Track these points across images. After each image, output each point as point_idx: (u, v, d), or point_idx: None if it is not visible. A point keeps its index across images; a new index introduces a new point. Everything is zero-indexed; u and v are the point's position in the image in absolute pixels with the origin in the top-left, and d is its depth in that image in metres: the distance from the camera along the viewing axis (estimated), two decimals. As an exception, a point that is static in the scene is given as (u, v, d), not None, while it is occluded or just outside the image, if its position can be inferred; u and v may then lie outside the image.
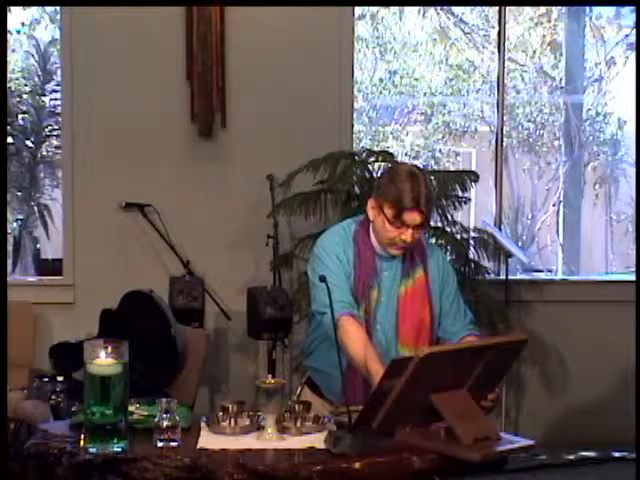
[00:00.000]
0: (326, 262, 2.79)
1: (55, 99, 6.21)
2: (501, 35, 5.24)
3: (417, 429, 2.40)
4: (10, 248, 6.28)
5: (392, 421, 2.35)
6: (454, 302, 2.89)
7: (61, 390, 4.05)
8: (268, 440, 2.47)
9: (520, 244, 6.87)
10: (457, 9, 6.76)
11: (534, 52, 6.99)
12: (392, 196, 2.72)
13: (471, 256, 4.61)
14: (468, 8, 6.70)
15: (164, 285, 4.62)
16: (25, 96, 6.60)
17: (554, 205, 6.82)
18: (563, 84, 6.67)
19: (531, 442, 2.36)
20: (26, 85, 6.66)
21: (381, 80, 7.11)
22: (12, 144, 6.36)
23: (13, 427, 3.73)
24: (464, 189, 4.51)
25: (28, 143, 6.63)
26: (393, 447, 2.35)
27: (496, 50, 5.37)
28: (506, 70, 5.37)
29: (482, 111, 7.00)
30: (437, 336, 2.88)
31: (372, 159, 4.55)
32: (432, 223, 4.48)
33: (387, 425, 2.34)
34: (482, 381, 2.42)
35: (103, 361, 2.37)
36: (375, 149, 4.86)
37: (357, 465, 2.24)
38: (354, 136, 5.14)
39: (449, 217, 4.53)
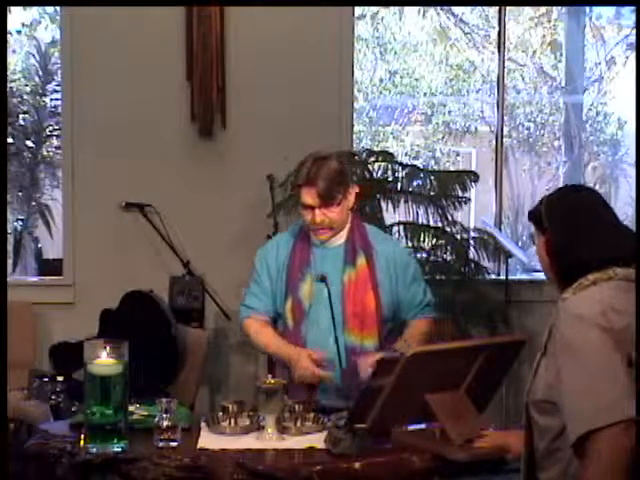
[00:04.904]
0: (257, 267, 3.08)
1: (56, 99, 6.21)
2: (501, 35, 5.24)
3: (412, 428, 2.42)
4: (10, 248, 6.28)
5: (387, 420, 2.35)
6: (410, 290, 2.98)
7: (61, 390, 4.05)
8: (268, 440, 2.47)
9: (520, 244, 6.86)
10: (457, 9, 6.76)
11: (534, 52, 6.99)
12: (295, 179, 2.98)
13: (471, 256, 4.61)
14: (468, 8, 6.71)
15: (164, 285, 4.62)
16: (26, 96, 6.61)
17: (554, 205, 6.81)
18: (563, 84, 6.68)
19: None
20: (27, 85, 6.66)
21: (381, 80, 7.11)
22: (13, 144, 6.36)
23: (13, 427, 3.73)
24: (464, 189, 4.51)
25: (29, 143, 6.63)
26: (393, 447, 2.36)
27: (496, 50, 5.37)
28: (506, 70, 5.37)
29: (482, 111, 7.01)
30: (396, 322, 3.00)
31: (372, 159, 4.55)
32: (432, 223, 4.48)
33: (382, 424, 2.34)
34: (481, 382, 2.42)
35: (103, 361, 2.38)
36: (375, 149, 4.86)
37: (357, 465, 2.25)
38: (354, 136, 5.13)
39: (449, 217, 4.53)
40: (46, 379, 4.15)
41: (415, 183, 4.55)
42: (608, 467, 1.82)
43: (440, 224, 4.52)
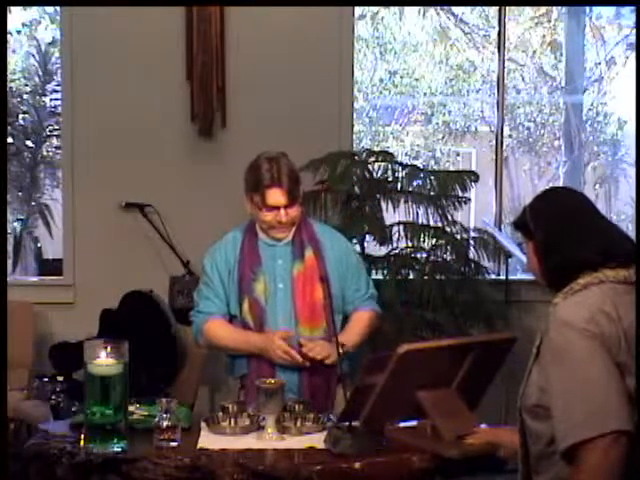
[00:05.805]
0: (207, 270, 3.08)
1: (55, 99, 6.22)
2: (501, 35, 5.24)
3: (404, 425, 2.43)
4: (10, 248, 6.29)
5: (379, 418, 2.36)
6: (353, 280, 3.05)
7: (61, 390, 4.05)
8: (268, 440, 2.47)
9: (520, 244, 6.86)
10: (457, 9, 6.76)
11: (534, 52, 6.99)
12: (253, 182, 3.00)
13: (471, 256, 4.60)
14: (468, 8, 6.71)
15: (164, 285, 4.61)
16: (25, 96, 6.61)
17: (554, 205, 6.81)
18: (563, 84, 6.68)
19: None
20: (26, 85, 6.67)
21: (381, 80, 7.11)
22: (12, 144, 6.37)
23: (13, 427, 3.74)
24: (464, 189, 4.51)
25: (28, 143, 6.64)
26: (393, 447, 2.36)
27: (496, 50, 5.36)
28: (506, 70, 5.36)
29: (482, 111, 7.01)
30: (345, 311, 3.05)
31: (372, 159, 4.54)
32: (432, 223, 4.48)
33: (374, 422, 2.35)
34: (472, 380, 2.43)
35: (103, 361, 2.38)
36: (375, 149, 4.85)
37: (357, 465, 2.25)
38: (354, 136, 5.13)
39: (449, 217, 4.53)
40: (46, 379, 4.14)
41: (415, 183, 4.54)
42: (597, 478, 1.79)
43: (440, 224, 4.51)
